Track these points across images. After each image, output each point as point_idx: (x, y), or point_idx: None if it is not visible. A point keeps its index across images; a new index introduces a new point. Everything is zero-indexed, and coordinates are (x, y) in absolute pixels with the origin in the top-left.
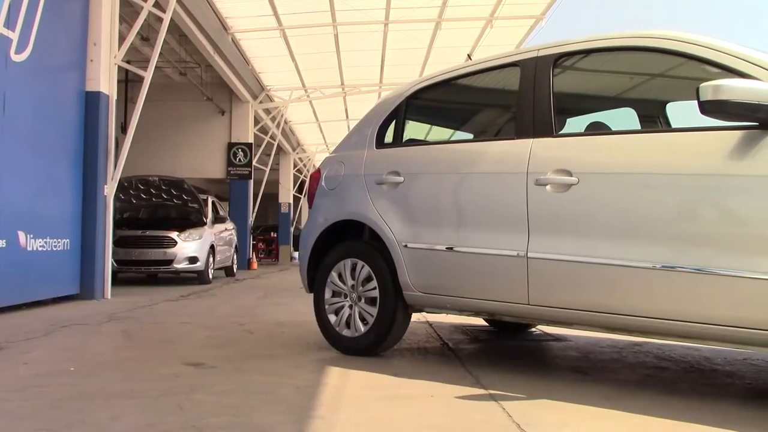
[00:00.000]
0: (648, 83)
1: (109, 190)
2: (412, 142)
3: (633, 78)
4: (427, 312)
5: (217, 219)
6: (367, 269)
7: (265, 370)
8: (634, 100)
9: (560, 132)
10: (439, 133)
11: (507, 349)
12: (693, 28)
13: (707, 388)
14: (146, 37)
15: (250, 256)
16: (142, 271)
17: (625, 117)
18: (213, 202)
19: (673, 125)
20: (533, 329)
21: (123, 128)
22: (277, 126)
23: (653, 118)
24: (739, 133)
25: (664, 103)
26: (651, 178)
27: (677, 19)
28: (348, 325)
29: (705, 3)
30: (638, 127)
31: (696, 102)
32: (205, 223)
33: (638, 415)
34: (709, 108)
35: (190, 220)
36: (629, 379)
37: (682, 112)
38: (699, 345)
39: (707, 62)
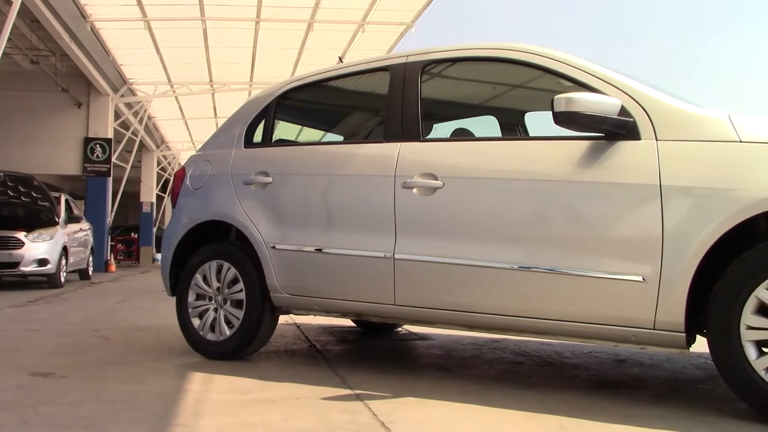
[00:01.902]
0: (509, 93)
1: None
2: (282, 142)
3: (496, 88)
4: (295, 314)
5: (71, 218)
6: (233, 271)
7: (122, 378)
8: (496, 108)
9: (427, 137)
10: (310, 134)
11: (374, 349)
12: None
13: (558, 380)
14: None
15: (108, 258)
16: None
17: (487, 124)
18: (66, 201)
19: (531, 134)
20: (399, 329)
21: None
22: (140, 121)
23: (513, 127)
24: (587, 143)
25: (523, 113)
26: (510, 183)
27: (546, 35)
28: (213, 328)
29: (574, 19)
30: (499, 134)
31: (551, 113)
32: (57, 223)
33: (495, 408)
34: (562, 118)
35: (40, 220)
36: (488, 374)
37: (538, 121)
38: (551, 340)
39: (561, 76)
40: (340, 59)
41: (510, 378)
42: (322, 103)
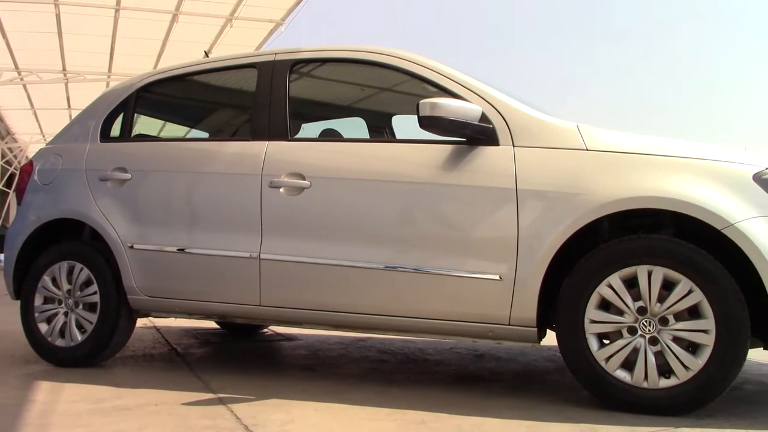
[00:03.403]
0: (377, 96)
1: None
2: (142, 137)
3: (364, 90)
4: (155, 317)
5: None
6: (86, 272)
7: None
8: (364, 110)
9: (295, 136)
10: (173, 129)
11: (238, 351)
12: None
13: (420, 377)
14: None
15: None
16: None
17: (355, 126)
18: None
19: (398, 136)
20: (265, 330)
21: None
22: None
23: (381, 129)
24: (450, 147)
25: (390, 116)
26: (377, 184)
27: (419, 40)
28: (62, 334)
29: (449, 26)
30: (367, 136)
31: (416, 116)
32: None
33: (359, 406)
34: (426, 123)
35: None
36: (353, 372)
37: (405, 124)
38: (415, 338)
39: (426, 81)
40: (206, 54)
41: (375, 376)
42: (187, 98)
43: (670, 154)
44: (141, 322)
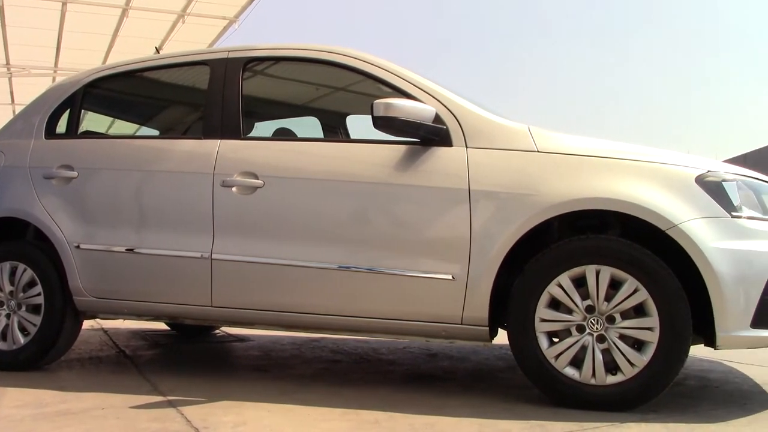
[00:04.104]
0: (331, 95)
1: None
2: (90, 134)
3: (318, 89)
4: (102, 318)
5: None
6: (29, 273)
7: None
8: (318, 110)
9: (248, 135)
10: (122, 127)
11: (188, 353)
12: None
13: (374, 376)
14: None
15: None
16: None
17: (310, 125)
18: None
19: (352, 136)
20: (216, 331)
21: None
22: None
23: (335, 129)
24: (404, 147)
25: (344, 115)
26: (331, 184)
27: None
28: (4, 337)
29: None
30: (322, 135)
31: (370, 117)
32: None
33: (312, 407)
34: (380, 123)
35: None
36: (306, 373)
37: (359, 124)
38: (369, 337)
39: (380, 81)
40: (157, 50)
41: (328, 376)
42: (136, 95)
43: (618, 157)
44: (87, 323)
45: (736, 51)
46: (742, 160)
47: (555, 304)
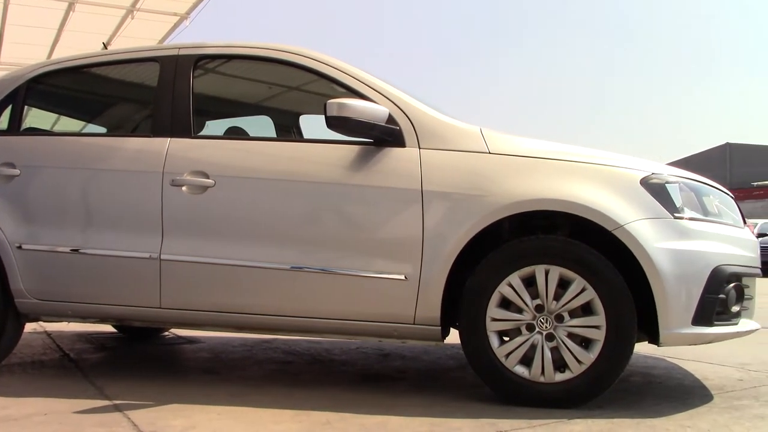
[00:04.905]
0: (284, 95)
1: None
2: (33, 131)
3: (271, 88)
4: (46, 321)
5: None
6: None
7: None
8: (271, 109)
9: (199, 134)
10: (67, 124)
11: (136, 356)
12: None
13: (326, 377)
14: None
15: None
16: None
17: (262, 124)
18: None
19: (305, 136)
20: (166, 333)
21: None
22: None
23: (288, 128)
24: (358, 147)
25: (298, 115)
26: (284, 184)
27: (328, 39)
28: None
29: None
30: (274, 135)
31: (324, 116)
32: None
33: (263, 409)
34: (334, 123)
35: None
36: (258, 375)
37: (313, 124)
38: (321, 338)
39: (334, 81)
40: (105, 45)
41: (280, 377)
42: (83, 91)
43: (567, 159)
44: (30, 326)
45: (680, 58)
46: (685, 163)
47: (506, 304)
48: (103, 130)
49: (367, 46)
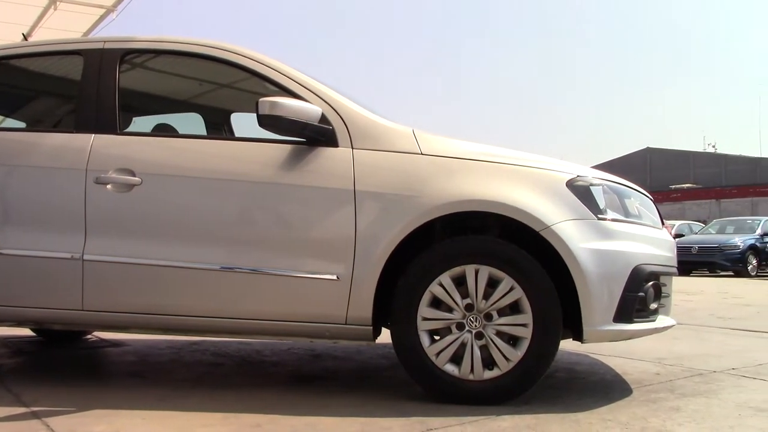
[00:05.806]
0: (215, 92)
1: None
2: None
3: (202, 85)
4: None
5: None
6: None
7: None
8: (201, 106)
9: (125, 130)
10: None
11: (57, 360)
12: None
13: (257, 379)
14: None
15: None
16: None
17: (192, 122)
18: None
19: (237, 134)
20: (89, 336)
21: None
22: None
23: (219, 126)
24: (290, 146)
25: (229, 113)
26: (214, 182)
27: (261, 36)
28: None
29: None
30: (205, 132)
31: (256, 115)
32: None
33: (191, 412)
34: (266, 122)
35: None
36: (186, 377)
37: (245, 122)
38: (252, 339)
39: (266, 79)
40: (25, 37)
41: (209, 380)
42: (1, 84)
43: (496, 161)
44: None
45: (604, 63)
46: (608, 166)
47: (436, 303)
48: (21, 124)
49: (299, 42)
